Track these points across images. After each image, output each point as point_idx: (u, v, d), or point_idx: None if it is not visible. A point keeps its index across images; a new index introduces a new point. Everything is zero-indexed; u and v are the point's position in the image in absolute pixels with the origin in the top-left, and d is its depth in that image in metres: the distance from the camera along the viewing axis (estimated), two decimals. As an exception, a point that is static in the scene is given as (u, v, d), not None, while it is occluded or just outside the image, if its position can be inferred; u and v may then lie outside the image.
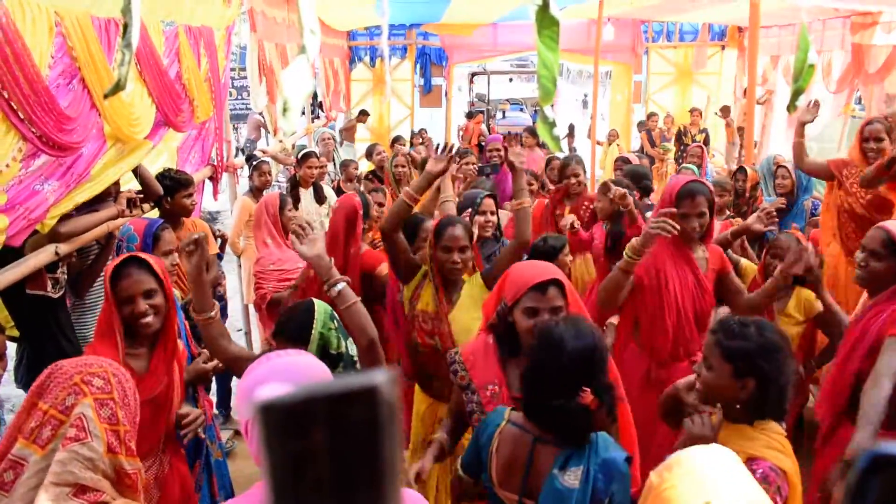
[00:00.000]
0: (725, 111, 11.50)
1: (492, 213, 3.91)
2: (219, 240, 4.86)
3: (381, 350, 2.44)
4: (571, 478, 1.87)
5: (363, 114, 11.60)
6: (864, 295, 3.10)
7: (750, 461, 1.84)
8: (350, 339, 2.32)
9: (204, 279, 2.42)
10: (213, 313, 2.40)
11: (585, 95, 27.98)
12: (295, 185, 5.92)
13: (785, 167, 5.27)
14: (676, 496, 1.25)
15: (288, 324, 2.37)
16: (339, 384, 0.40)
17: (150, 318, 2.43)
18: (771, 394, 1.95)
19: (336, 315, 2.34)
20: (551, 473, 1.89)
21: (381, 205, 4.92)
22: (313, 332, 2.24)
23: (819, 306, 3.51)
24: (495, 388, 2.34)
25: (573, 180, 5.06)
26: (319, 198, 6.01)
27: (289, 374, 1.54)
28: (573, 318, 2.07)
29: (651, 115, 12.04)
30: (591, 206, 4.88)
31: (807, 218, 5.15)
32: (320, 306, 2.37)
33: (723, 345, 1.98)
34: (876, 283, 2.76)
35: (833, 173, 4.57)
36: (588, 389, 1.89)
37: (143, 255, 2.51)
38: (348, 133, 11.07)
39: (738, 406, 1.98)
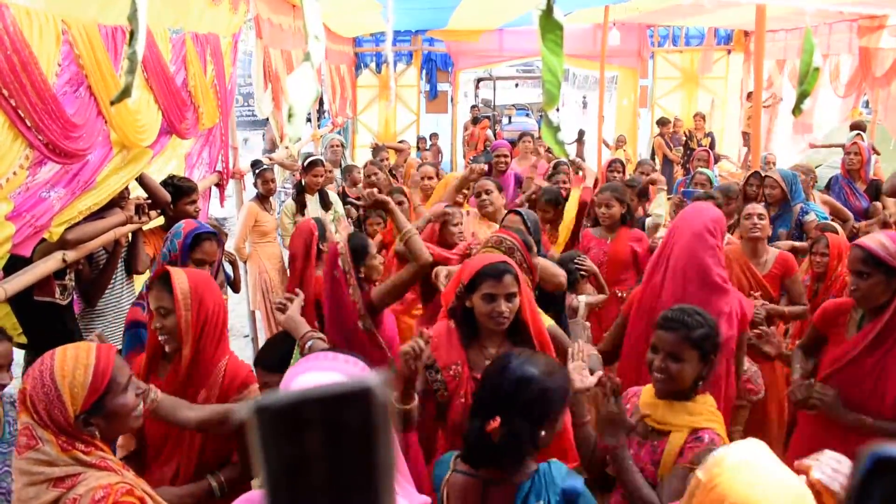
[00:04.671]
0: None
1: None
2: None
3: None
4: None
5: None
6: None
7: (696, 431, 2.18)
8: None
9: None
10: (153, 396, 2.19)
11: (584, 97, 27.97)
12: (301, 191, 5.94)
13: (771, 177, 5.21)
14: (729, 490, 1.30)
15: (268, 353, 2.40)
16: (333, 387, 0.40)
17: (161, 338, 2.37)
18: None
19: None
20: None
21: (399, 203, 4.92)
22: (292, 362, 2.26)
23: None
24: (458, 367, 2.45)
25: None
26: (325, 204, 6.03)
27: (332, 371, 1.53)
28: (539, 354, 2.07)
29: (667, 121, 11.97)
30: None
31: (793, 223, 5.12)
32: None
33: (690, 338, 2.24)
34: (872, 301, 2.74)
35: None
36: (497, 418, 1.83)
37: (172, 270, 2.39)
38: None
39: (690, 384, 2.25)
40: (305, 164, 5.98)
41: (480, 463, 1.91)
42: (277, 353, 2.34)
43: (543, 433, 1.88)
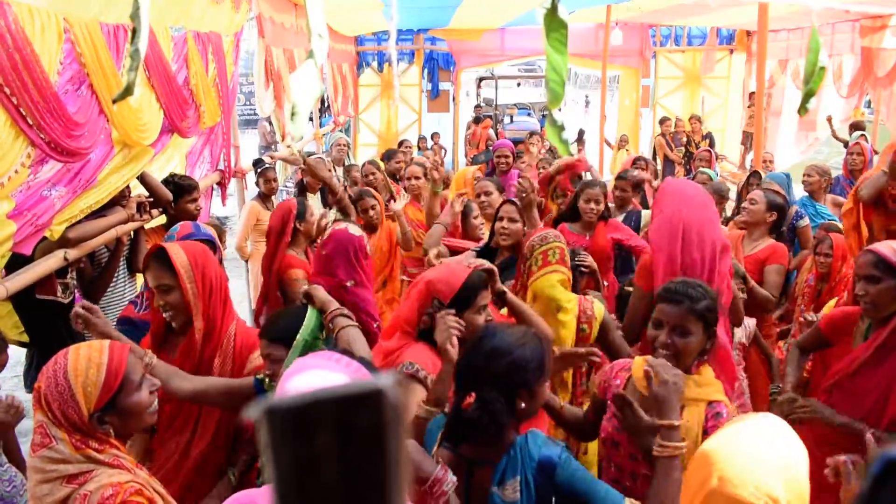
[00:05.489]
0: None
1: (511, 220, 3.62)
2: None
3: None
4: (510, 491, 1.81)
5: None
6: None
7: (711, 403, 2.15)
8: None
9: (113, 333, 2.30)
10: (146, 361, 2.20)
11: (587, 97, 28.00)
12: (303, 190, 5.93)
13: (770, 189, 5.14)
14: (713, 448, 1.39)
15: (276, 323, 2.37)
16: (345, 388, 0.39)
17: (167, 314, 2.40)
18: None
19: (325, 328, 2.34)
20: (491, 492, 1.82)
21: (372, 208, 4.85)
22: (298, 337, 2.24)
23: None
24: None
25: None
26: (327, 202, 6.01)
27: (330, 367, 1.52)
28: (515, 325, 2.05)
29: (667, 119, 11.96)
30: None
31: (786, 225, 5.09)
32: (312, 314, 2.37)
33: (695, 310, 2.19)
34: (882, 308, 2.68)
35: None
36: (473, 394, 1.81)
37: (168, 246, 2.40)
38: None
39: (694, 358, 2.23)
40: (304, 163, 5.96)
41: (458, 440, 1.89)
42: (283, 325, 2.32)
43: (523, 405, 1.84)
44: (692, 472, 1.38)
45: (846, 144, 8.29)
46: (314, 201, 5.94)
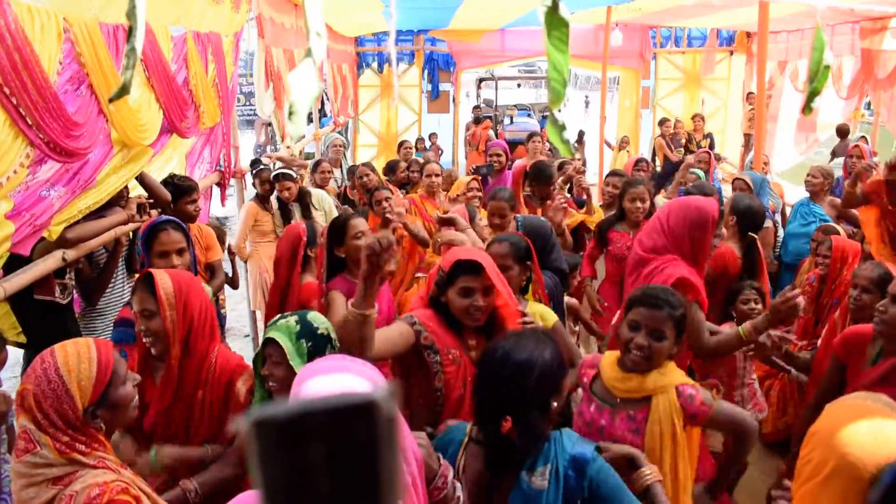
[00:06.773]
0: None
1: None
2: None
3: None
4: (539, 478, 1.78)
5: None
6: None
7: (678, 387, 2.24)
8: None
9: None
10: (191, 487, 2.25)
11: (587, 97, 28.04)
12: (282, 202, 5.80)
13: (741, 180, 5.07)
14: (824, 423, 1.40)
15: None
16: (337, 399, 0.38)
17: (147, 341, 2.34)
18: None
19: None
20: (519, 476, 1.79)
21: (386, 200, 4.89)
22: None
23: None
24: (456, 353, 2.44)
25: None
26: (305, 211, 5.86)
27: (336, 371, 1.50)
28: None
29: (666, 120, 11.96)
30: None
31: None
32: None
33: (674, 316, 2.27)
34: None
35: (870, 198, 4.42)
36: (510, 418, 1.74)
37: (155, 272, 2.35)
38: None
39: (664, 359, 2.30)
40: (272, 177, 5.84)
41: (506, 466, 1.83)
42: None
43: (555, 404, 1.82)
44: (805, 455, 1.38)
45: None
46: (295, 210, 5.83)
